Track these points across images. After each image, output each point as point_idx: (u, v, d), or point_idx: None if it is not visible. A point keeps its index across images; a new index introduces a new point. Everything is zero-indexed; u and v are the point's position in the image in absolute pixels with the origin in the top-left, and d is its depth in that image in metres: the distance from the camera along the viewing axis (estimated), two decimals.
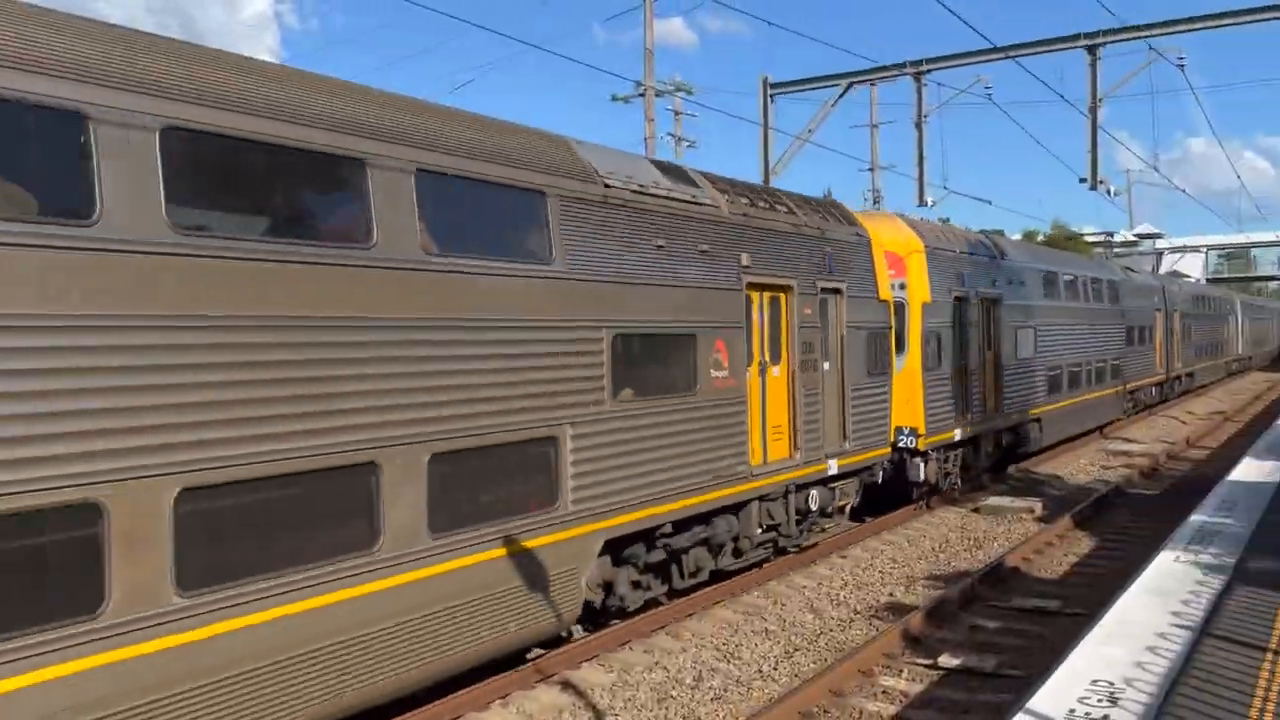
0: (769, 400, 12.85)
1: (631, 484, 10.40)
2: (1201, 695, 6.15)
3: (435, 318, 8.36)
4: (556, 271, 9.59)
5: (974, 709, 9.12)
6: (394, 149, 8.14)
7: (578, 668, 10.17)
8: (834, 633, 11.61)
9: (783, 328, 13.10)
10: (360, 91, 8.52)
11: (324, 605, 7.34)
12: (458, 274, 8.61)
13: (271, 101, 7.39)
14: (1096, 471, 23.11)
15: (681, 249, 11.29)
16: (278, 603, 7.04)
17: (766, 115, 28.17)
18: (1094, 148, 25.30)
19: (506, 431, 8.95)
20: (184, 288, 6.57)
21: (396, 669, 7.97)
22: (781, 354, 13.11)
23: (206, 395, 6.68)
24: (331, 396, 7.46)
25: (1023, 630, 11.42)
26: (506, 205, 9.41)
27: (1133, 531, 16.29)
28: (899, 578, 13.93)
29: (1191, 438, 28.41)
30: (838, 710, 9.17)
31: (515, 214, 9.53)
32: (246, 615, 6.86)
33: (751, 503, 12.46)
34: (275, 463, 7.06)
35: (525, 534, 9.11)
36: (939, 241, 18.87)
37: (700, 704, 9.47)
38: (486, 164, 9.07)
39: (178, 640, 6.48)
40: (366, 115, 8.15)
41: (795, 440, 13.31)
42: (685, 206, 11.52)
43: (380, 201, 7.96)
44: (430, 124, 8.80)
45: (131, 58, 6.63)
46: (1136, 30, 23.81)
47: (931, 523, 17.30)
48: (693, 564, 12.01)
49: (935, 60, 26.56)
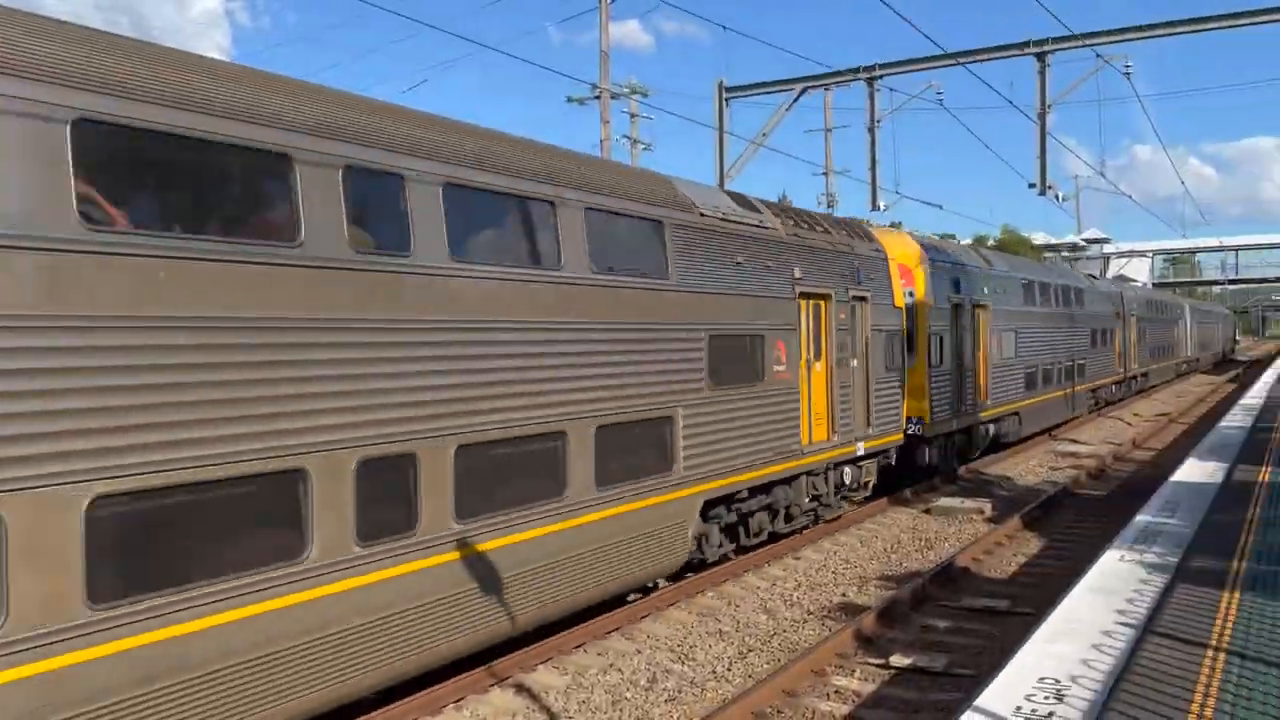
0: (813, 391, 15.12)
1: (722, 456, 12.67)
2: (1145, 691, 6.27)
3: (600, 322, 10.66)
4: (671, 285, 11.88)
5: (924, 708, 9.23)
6: (575, 194, 10.52)
7: (532, 670, 10.15)
8: (787, 633, 11.68)
9: (823, 330, 15.47)
10: (544, 149, 10.84)
11: (530, 538, 9.60)
12: (612, 288, 10.93)
13: (456, 150, 9.20)
14: (1045, 473, 23.46)
15: (752, 265, 13.54)
16: (497, 537, 9.19)
17: (722, 118, 28.29)
18: (1043, 153, 25.71)
19: (642, 410, 11.26)
20: (361, 296, 7.97)
21: (577, 591, 10.40)
22: (822, 352, 15.45)
23: (408, 382, 8.32)
24: (542, 381, 9.79)
25: (973, 629, 11.57)
26: (639, 233, 11.74)
27: (1080, 531, 16.57)
28: (852, 578, 14.05)
29: (1138, 439, 28.94)
30: (791, 710, 9.23)
31: (644, 240, 11.80)
32: (439, 555, 8.57)
33: (801, 476, 14.83)
34: (485, 431, 9.08)
35: (653, 492, 11.44)
36: (939, 255, 21.38)
37: (654, 705, 9.49)
38: (626, 201, 11.41)
39: (358, 581, 7.84)
40: (552, 166, 10.50)
41: (833, 425, 15.60)
42: (754, 230, 13.84)
43: (564, 234, 10.33)
44: (591, 173, 11.15)
45: (326, 110, 8.06)
46: (1084, 38, 24.21)
47: (884, 523, 17.47)
48: (757, 525, 14.30)
49: (888, 66, 26.83)
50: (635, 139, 32.02)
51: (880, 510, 18.20)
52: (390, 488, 8.20)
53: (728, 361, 12.81)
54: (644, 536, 11.32)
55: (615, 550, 10.88)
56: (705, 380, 12.33)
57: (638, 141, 32.11)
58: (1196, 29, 23.87)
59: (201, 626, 6.76)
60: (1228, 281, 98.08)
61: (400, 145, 8.60)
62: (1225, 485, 14.03)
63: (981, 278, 23.26)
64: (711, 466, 12.47)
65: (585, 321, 10.44)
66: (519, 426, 9.47)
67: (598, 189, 10.94)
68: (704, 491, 12.36)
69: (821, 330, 15.39)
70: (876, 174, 27.88)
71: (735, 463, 12.95)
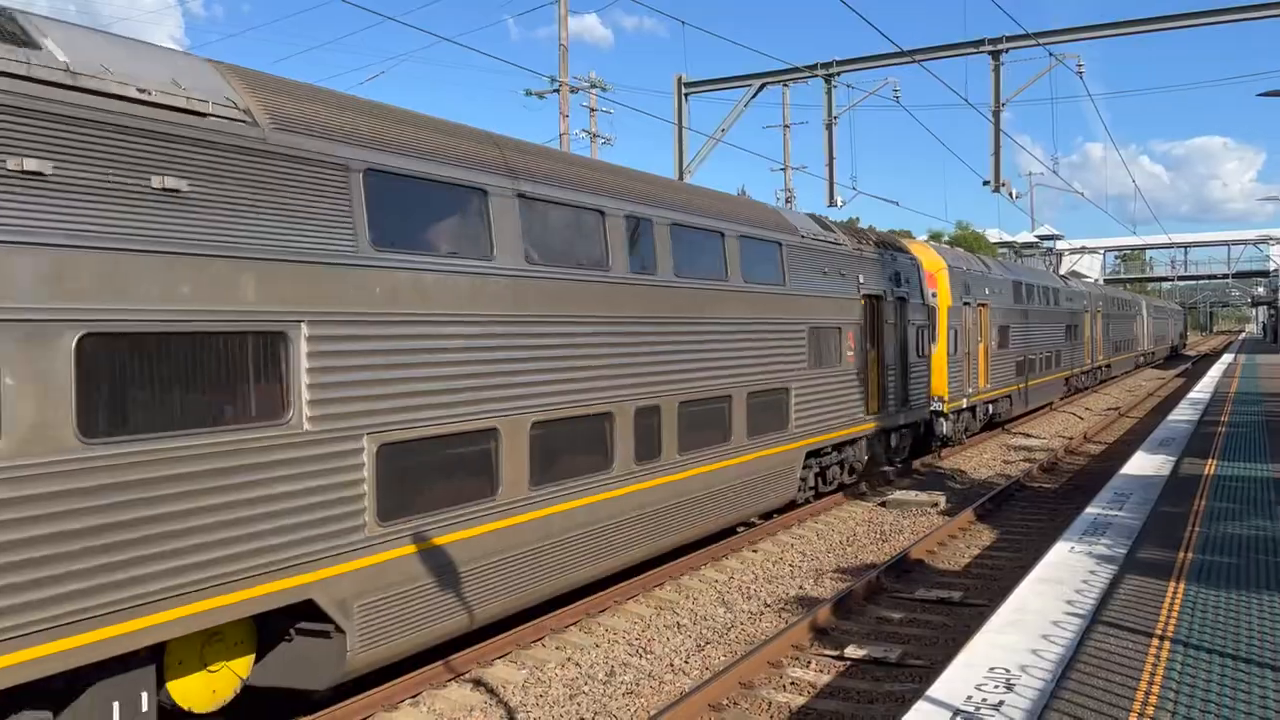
0: (870, 372, 18.92)
1: (817, 420, 16.66)
2: (1092, 679, 6.40)
3: (749, 318, 14.55)
4: (787, 290, 15.80)
5: (879, 698, 9.35)
6: (733, 226, 14.45)
7: (490, 665, 10.15)
8: (744, 626, 11.77)
9: (878, 324, 19.43)
10: (715, 195, 15.21)
11: (715, 469, 13.64)
12: (754, 294, 14.79)
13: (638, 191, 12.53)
14: (998, 466, 23.79)
15: (832, 273, 17.46)
16: (696, 468, 13.16)
17: (681, 114, 28.33)
18: (997, 151, 26.03)
19: (774, 383, 15.21)
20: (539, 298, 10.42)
21: (739, 509, 14.64)
22: (877, 341, 19.36)
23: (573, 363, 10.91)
24: (717, 358, 13.65)
25: (926, 621, 11.73)
26: (767, 253, 15.42)
27: (1031, 524, 16.83)
28: (808, 571, 14.17)
29: (1088, 433, 29.41)
30: (747, 702, 9.31)
31: (770, 257, 15.52)
32: (620, 489, 11.68)
33: (862, 439, 18.87)
34: (693, 393, 13.07)
35: (778, 443, 15.41)
36: (955, 262, 25.49)
37: (612, 698, 9.53)
38: (762, 229, 15.38)
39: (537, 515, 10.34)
40: (720, 209, 14.53)
41: (883, 400, 19.54)
42: (832, 246, 17.78)
43: (728, 256, 14.19)
44: (740, 210, 15.29)
45: (500, 154, 10.23)
46: (1037, 37, 24.52)
47: (840, 516, 17.64)
48: (832, 475, 18.21)
49: (846, 63, 27.01)
50: (595, 133, 31.99)
51: (837, 504, 18.38)
52: (645, 430, 12.05)
53: (820, 348, 16.83)
54: (774, 474, 15.40)
55: (758, 482, 14.95)
56: (807, 361, 16.29)
57: (597, 135, 32.07)
58: (1148, 29, 24.28)
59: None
60: (1177, 278, 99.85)
61: (602, 189, 11.71)
62: (1173, 478, 14.31)
63: (984, 280, 27.08)
64: (811, 426, 16.46)
65: (741, 318, 14.33)
66: (705, 391, 13.36)
67: (745, 222, 14.93)
68: (806, 445, 16.44)
69: (877, 324, 19.33)
70: (834, 170, 28.10)
71: (825, 425, 17.04)
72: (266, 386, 7.50)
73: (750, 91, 27.96)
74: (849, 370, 17.89)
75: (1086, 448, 26.97)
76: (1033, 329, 31.92)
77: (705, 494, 13.39)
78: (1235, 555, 9.60)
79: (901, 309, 20.37)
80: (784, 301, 15.74)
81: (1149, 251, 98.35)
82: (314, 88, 8.82)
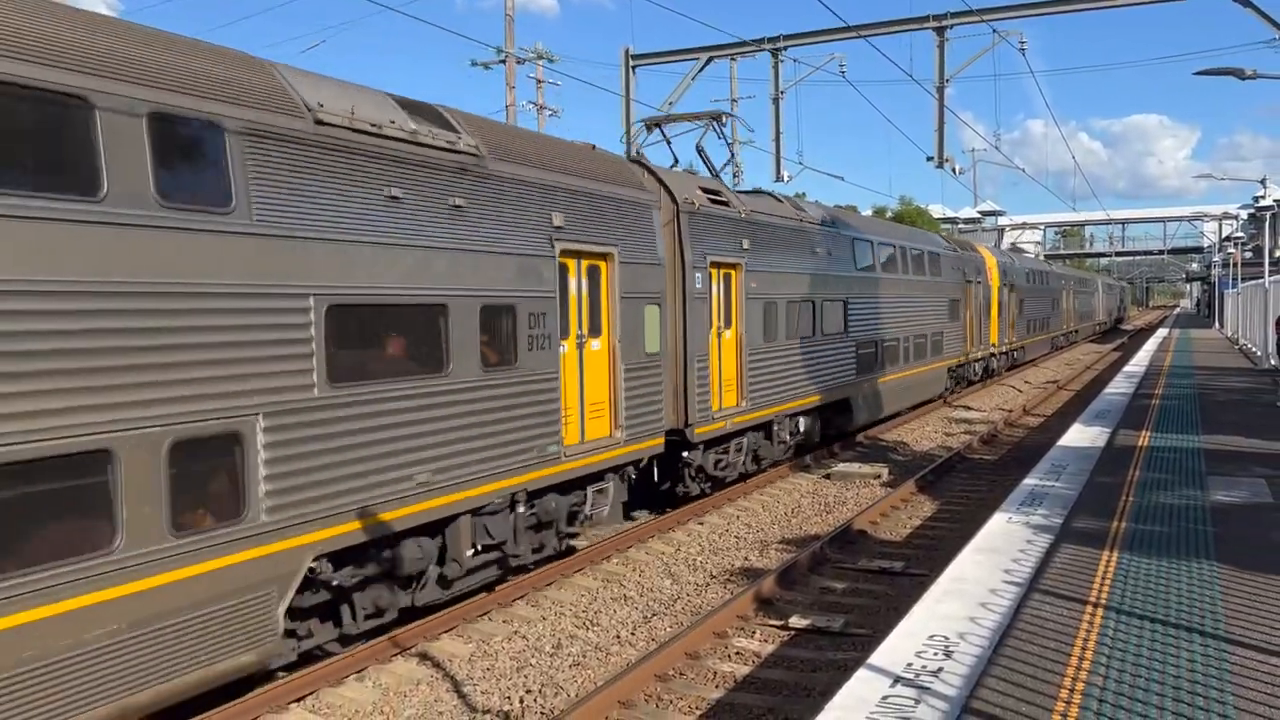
0: (968, 326, 31.08)
1: (953, 350, 28.94)
2: (1028, 645, 6.56)
3: (915, 297, 25.24)
4: (939, 280, 26.73)
5: (822, 667, 9.50)
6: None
7: (436, 639, 10.14)
8: (690, 597, 11.87)
9: (969, 299, 31.12)
10: (890, 225, 28.28)
11: (908, 375, 25.14)
12: (922, 281, 25.88)
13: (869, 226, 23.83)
14: (940, 438, 24.18)
15: (956, 268, 29.60)
16: (903, 371, 24.50)
17: (628, 86, 28.20)
18: (941, 127, 26.27)
19: (930, 334, 26.59)
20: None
21: (916, 399, 26.69)
22: (966, 309, 30.93)
23: None
24: (909, 316, 25.05)
25: (869, 590, 11.92)
26: (930, 255, 26.81)
27: (971, 495, 17.14)
28: (753, 543, 14.32)
29: (1027, 405, 29.98)
30: (693, 672, 9.41)
31: (932, 259, 26.28)
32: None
33: (991, 355, 34.46)
34: (885, 338, 23.29)
35: (935, 361, 27.15)
36: (998, 255, 38.88)
37: (559, 670, 9.58)
38: (923, 247, 26.79)
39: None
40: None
41: (970, 344, 31.50)
42: (955, 253, 29.67)
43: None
44: (902, 235, 26.19)
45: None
46: (981, 13, 24.74)
47: (785, 488, 17.82)
48: (980, 369, 34.07)
49: (792, 37, 27.04)
50: (542, 105, 31.74)
51: (782, 476, 18.55)
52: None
53: (955, 313, 28.93)
54: (932, 380, 26.98)
55: (920, 383, 25.96)
56: (947, 319, 28.01)
57: (544, 107, 31.84)
58: (1089, 6, 24.63)
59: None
60: (1115, 254, 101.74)
61: (865, 228, 19.75)
62: (1108, 449, 14.64)
63: (1012, 269, 39.69)
64: (950, 356, 28.84)
65: (911, 296, 24.51)
66: (907, 338, 23.94)
67: (901, 237, 24.34)
68: (948, 365, 28.73)
69: (969, 299, 31.19)
70: (781, 145, 28.18)
71: (957, 349, 29.39)
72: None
73: (698, 65, 27.90)
74: (960, 326, 30.05)
75: (1025, 420, 27.49)
76: (1035, 303, 45.11)
77: (898, 388, 24.07)
78: (1166, 524, 9.87)
79: (978, 289, 32.70)
80: (935, 285, 26.96)
81: (1088, 228, 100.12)
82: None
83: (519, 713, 8.71)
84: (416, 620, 10.23)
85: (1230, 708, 5.55)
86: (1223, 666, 6.14)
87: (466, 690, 9.10)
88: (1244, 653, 6.36)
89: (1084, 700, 5.68)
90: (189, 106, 7.42)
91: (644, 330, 13.39)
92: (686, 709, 8.65)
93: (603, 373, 12.66)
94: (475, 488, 10.15)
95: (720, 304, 15.67)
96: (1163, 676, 6.01)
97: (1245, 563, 8.38)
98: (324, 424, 8.34)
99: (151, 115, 7.13)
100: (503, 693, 9.08)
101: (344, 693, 8.92)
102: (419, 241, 9.42)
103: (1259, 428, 16.20)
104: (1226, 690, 5.79)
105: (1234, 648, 6.46)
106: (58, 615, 6.45)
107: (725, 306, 15.82)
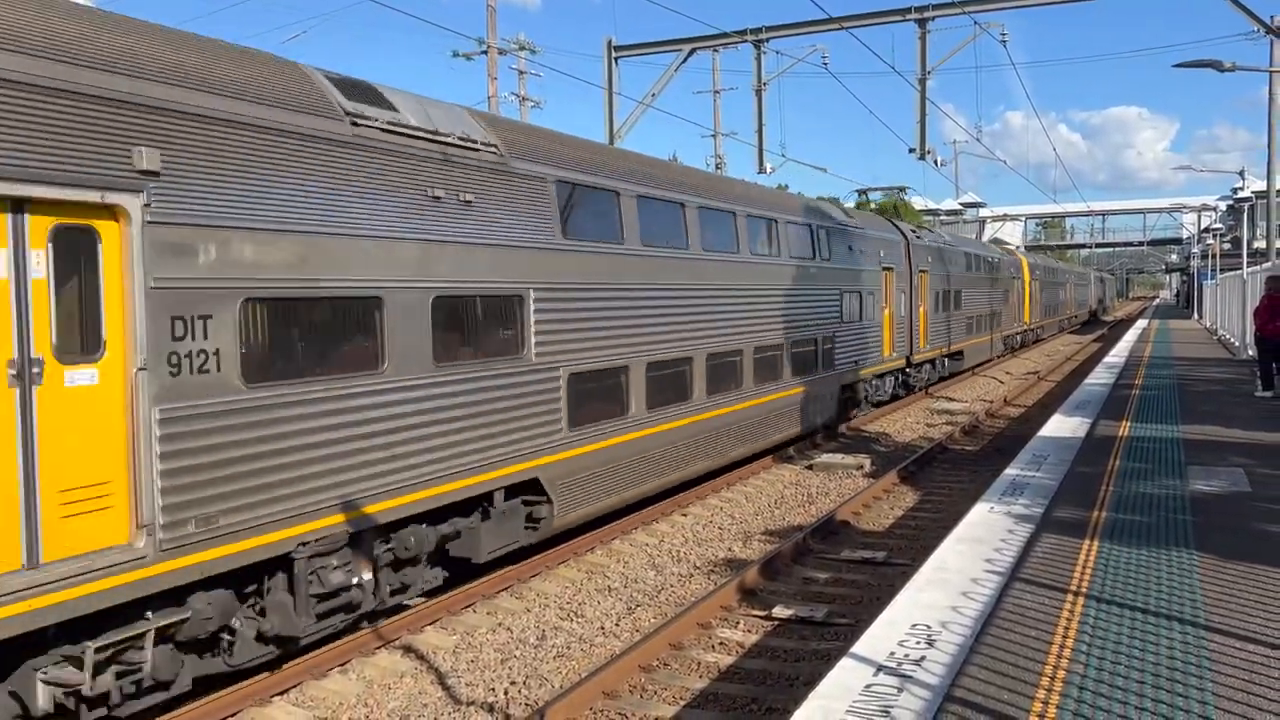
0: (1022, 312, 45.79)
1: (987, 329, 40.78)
2: (1009, 634, 6.60)
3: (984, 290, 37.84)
4: (1000, 276, 39.71)
5: (805, 656, 9.54)
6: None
7: (420, 632, 10.13)
8: (674, 588, 11.90)
9: (1012, 291, 43.07)
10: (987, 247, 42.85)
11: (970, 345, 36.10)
12: (990, 278, 38.82)
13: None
14: (922, 429, 24.28)
15: (1009, 269, 43.31)
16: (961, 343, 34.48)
17: (611, 78, 28.17)
18: (923, 118, 26.37)
19: (985, 314, 37.56)
20: None
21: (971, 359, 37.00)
22: (1013, 298, 43.49)
23: None
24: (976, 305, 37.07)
25: (852, 580, 11.97)
26: (989, 263, 38.65)
27: (953, 485, 17.23)
28: (737, 533, 14.36)
29: (1009, 396, 30.14)
30: (677, 663, 9.43)
31: (991, 266, 39.24)
32: None
33: (1001, 339, 42.21)
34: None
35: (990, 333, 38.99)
36: (1028, 257, 51.58)
37: (543, 662, 9.59)
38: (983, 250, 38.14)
39: None
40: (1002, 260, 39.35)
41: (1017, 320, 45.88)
42: (1006, 256, 43.86)
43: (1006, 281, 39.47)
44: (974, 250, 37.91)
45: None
46: (963, 5, 24.82)
47: (769, 480, 17.87)
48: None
49: (775, 29, 27.08)
50: (524, 96, 31.66)
51: (765, 467, 18.61)
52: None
53: (1000, 300, 39.62)
54: (981, 348, 36.15)
55: (982, 348, 36.42)
56: (1001, 303, 40.03)
57: (527, 99, 31.76)
58: None
59: None
60: (1095, 245, 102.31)
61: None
62: (1088, 439, 14.73)
63: (1036, 266, 51.74)
64: (1007, 329, 41.09)
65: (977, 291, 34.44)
66: (984, 315, 36.82)
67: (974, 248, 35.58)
68: (1003, 336, 39.96)
69: (1013, 291, 41.36)
70: (764, 136, 28.23)
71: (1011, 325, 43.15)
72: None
73: (680, 56, 27.89)
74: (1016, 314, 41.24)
75: (1007, 411, 27.63)
76: (1047, 292, 57.20)
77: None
78: (1146, 513, 9.94)
79: (1020, 283, 44.58)
80: (993, 280, 36.79)
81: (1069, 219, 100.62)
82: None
83: (504, 704, 8.72)
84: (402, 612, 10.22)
85: (1209, 694, 5.60)
86: (1201, 654, 6.20)
87: (451, 682, 9.10)
88: (1222, 640, 6.42)
89: (1065, 688, 5.73)
90: None
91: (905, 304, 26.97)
92: (671, 699, 8.68)
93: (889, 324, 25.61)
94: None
95: (918, 292, 28.62)
96: (1143, 664, 6.06)
97: (1224, 551, 8.45)
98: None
99: None
100: (487, 684, 9.08)
101: (328, 685, 8.91)
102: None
103: (1238, 418, 16.33)
104: (1205, 677, 5.84)
105: (1213, 635, 6.51)
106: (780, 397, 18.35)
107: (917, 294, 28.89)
